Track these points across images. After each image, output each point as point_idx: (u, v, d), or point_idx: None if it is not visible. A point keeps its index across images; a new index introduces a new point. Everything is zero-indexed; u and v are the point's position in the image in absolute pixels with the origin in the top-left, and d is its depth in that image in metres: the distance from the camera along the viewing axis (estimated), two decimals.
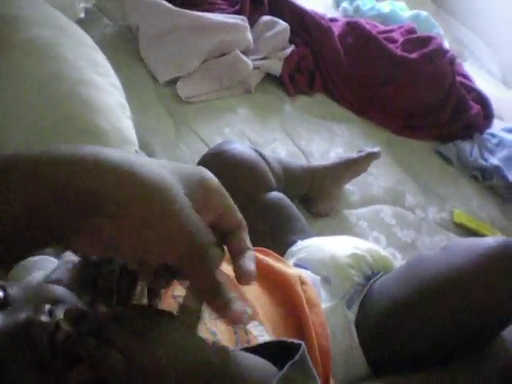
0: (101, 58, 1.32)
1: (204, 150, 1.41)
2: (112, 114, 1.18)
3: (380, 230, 1.47)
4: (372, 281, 1.03)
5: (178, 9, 1.62)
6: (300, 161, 1.54)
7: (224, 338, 0.61)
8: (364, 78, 1.85)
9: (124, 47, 1.64)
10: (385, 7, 2.45)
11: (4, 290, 0.50)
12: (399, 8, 2.51)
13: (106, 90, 1.23)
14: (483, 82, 2.87)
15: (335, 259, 1.02)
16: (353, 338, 0.96)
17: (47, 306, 0.48)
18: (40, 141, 1.06)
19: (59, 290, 0.53)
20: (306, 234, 1.15)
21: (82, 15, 1.59)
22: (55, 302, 0.50)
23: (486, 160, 1.88)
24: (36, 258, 0.79)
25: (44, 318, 0.46)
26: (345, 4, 2.42)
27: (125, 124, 1.20)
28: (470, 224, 1.63)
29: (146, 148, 1.38)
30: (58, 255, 0.78)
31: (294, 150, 1.58)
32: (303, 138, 1.64)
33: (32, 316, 0.46)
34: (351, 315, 0.98)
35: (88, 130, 1.11)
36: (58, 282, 0.58)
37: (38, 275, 0.72)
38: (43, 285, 0.54)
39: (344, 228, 1.43)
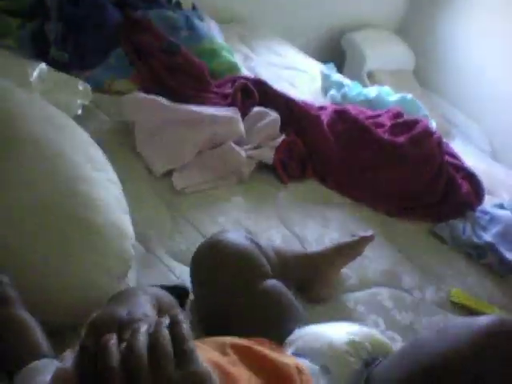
0: (97, 153, 1.36)
1: (199, 240, 1.44)
2: (108, 209, 1.21)
3: (378, 313, 1.47)
4: (372, 366, 1.03)
5: (172, 104, 1.69)
6: (295, 247, 1.56)
7: None
8: (354, 163, 1.90)
9: (121, 142, 1.70)
10: (371, 92, 2.55)
11: None
12: (385, 92, 2.61)
13: (103, 185, 1.26)
14: (473, 158, 2.93)
15: (333, 347, 1.02)
16: None
17: None
18: (38, 236, 1.09)
19: None
20: (303, 322, 1.15)
21: (80, 112, 1.65)
22: None
23: (479, 237, 1.90)
24: (39, 361, 0.80)
25: None
26: (332, 92, 2.52)
27: (121, 218, 1.23)
28: (467, 302, 1.63)
29: (142, 240, 1.40)
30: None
31: (288, 236, 1.60)
32: (297, 224, 1.66)
33: None
34: None
35: (84, 226, 1.13)
36: None
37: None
38: None
39: (342, 313, 1.43)
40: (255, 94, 1.93)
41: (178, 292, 0.96)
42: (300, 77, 2.61)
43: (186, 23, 2.14)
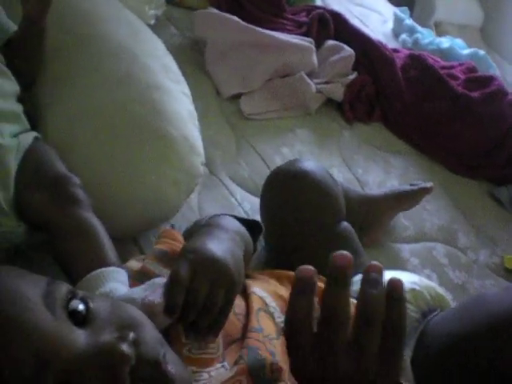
0: (172, 63, 1.32)
1: (262, 168, 1.41)
2: (182, 122, 1.17)
3: (432, 268, 1.44)
4: (429, 317, 1.01)
5: (247, 25, 1.62)
6: (356, 188, 1.52)
7: (281, 360, 0.59)
8: (424, 112, 1.82)
9: (190, 58, 1.64)
10: (444, 42, 2.43)
11: (85, 303, 0.48)
12: (458, 45, 2.49)
13: (177, 97, 1.22)
14: None
15: None
16: (408, 375, 0.93)
17: (131, 335, 0.46)
18: (109, 141, 1.06)
19: (139, 315, 0.52)
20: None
21: (152, 22, 1.60)
22: (136, 327, 0.48)
23: None
24: (106, 268, 0.78)
25: (127, 349, 0.44)
26: (404, 36, 2.41)
27: (193, 133, 1.19)
28: None
29: (207, 160, 1.37)
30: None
31: (350, 178, 1.56)
32: (360, 166, 1.62)
33: (116, 343, 0.44)
34: (407, 352, 0.95)
35: (157, 136, 1.09)
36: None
37: (118, 289, 0.70)
38: (123, 305, 0.52)
39: (395, 263, 1.40)
40: (331, 26, 1.84)
41: (249, 225, 0.91)
42: (372, 16, 2.50)
43: None
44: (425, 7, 3.60)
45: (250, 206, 1.32)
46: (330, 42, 1.79)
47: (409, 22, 2.52)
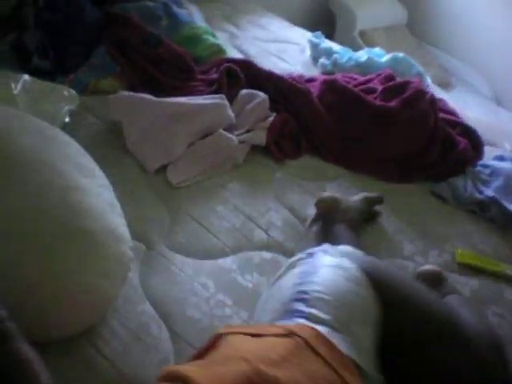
0: (87, 160, 1.37)
1: (199, 231, 1.47)
2: (102, 215, 1.22)
3: None
4: None
5: (158, 99, 1.69)
6: (295, 228, 1.57)
7: None
8: (348, 132, 1.89)
9: (112, 142, 1.71)
10: (362, 56, 2.52)
11: None
12: (376, 54, 2.58)
13: (95, 191, 1.27)
14: (475, 105, 2.89)
15: None
16: None
17: None
18: (34, 247, 1.10)
19: None
20: None
21: (67, 119, 1.66)
22: None
23: (481, 193, 1.89)
24: None
25: None
26: (322, 60, 2.49)
27: (116, 222, 1.24)
28: (474, 262, 1.63)
29: (143, 238, 1.42)
30: None
31: (288, 217, 1.61)
32: (296, 202, 1.67)
33: None
34: None
35: (81, 235, 1.15)
36: None
37: None
38: None
39: None
40: (240, 76, 1.92)
41: None
42: (288, 49, 2.59)
43: (165, 11, 2.13)
44: (345, 20, 3.71)
45: (192, 270, 1.37)
46: (243, 92, 1.87)
47: (324, 45, 2.61)
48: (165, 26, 2.10)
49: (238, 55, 2.35)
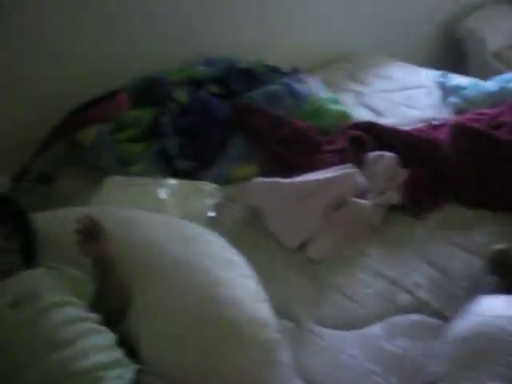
0: (229, 252, 1.49)
1: (345, 303, 1.51)
2: (244, 304, 1.32)
3: None
4: None
5: (289, 180, 1.79)
6: (442, 286, 1.56)
7: None
8: (486, 175, 1.84)
9: (255, 226, 1.82)
10: (492, 86, 2.44)
11: None
12: (507, 80, 2.47)
13: (236, 283, 1.37)
14: None
15: None
16: None
17: None
18: (193, 352, 1.22)
19: None
20: None
21: (211, 213, 1.82)
22: None
23: None
24: None
25: None
26: (451, 98, 2.45)
27: (261, 309, 1.33)
28: None
29: (290, 316, 1.49)
30: None
31: (434, 275, 1.59)
32: (441, 257, 1.65)
33: None
34: None
35: (227, 327, 1.25)
36: None
37: None
38: None
39: None
40: (367, 140, 1.96)
41: None
42: (415, 94, 2.58)
43: (288, 91, 2.25)
44: (475, 48, 3.59)
45: (340, 343, 1.40)
46: (370, 155, 1.90)
47: (452, 82, 2.57)
48: (290, 105, 2.22)
49: (365, 113, 2.40)
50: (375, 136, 2.00)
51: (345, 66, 2.97)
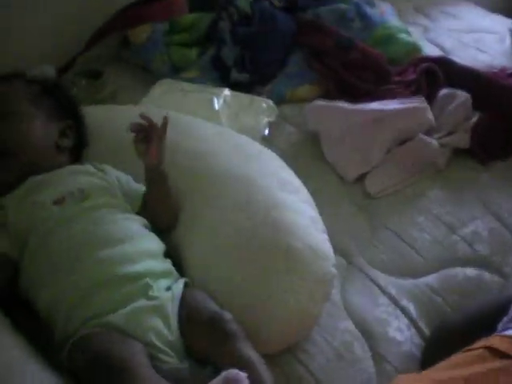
0: (289, 175, 1.39)
1: (401, 247, 1.43)
2: (305, 232, 1.23)
3: None
4: None
5: (354, 106, 1.67)
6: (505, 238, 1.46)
7: None
8: None
9: (311, 151, 1.71)
10: None
11: None
12: None
13: (297, 208, 1.29)
14: None
15: None
16: None
17: None
18: (241, 269, 1.15)
19: None
20: None
21: (266, 132, 1.71)
22: None
23: None
24: None
25: None
26: None
27: (319, 239, 1.24)
28: None
29: (343, 252, 1.42)
30: None
31: (496, 227, 1.50)
32: (506, 209, 1.55)
33: None
34: None
35: (283, 254, 1.17)
36: None
37: None
38: None
39: None
40: (439, 75, 1.82)
41: None
42: (486, 38, 2.38)
43: (358, 13, 2.09)
44: None
45: (396, 290, 1.33)
46: (443, 92, 1.76)
47: None
48: (357, 28, 2.06)
49: (433, 49, 2.23)
50: (447, 73, 1.85)
51: None
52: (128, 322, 0.99)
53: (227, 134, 1.49)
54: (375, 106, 1.68)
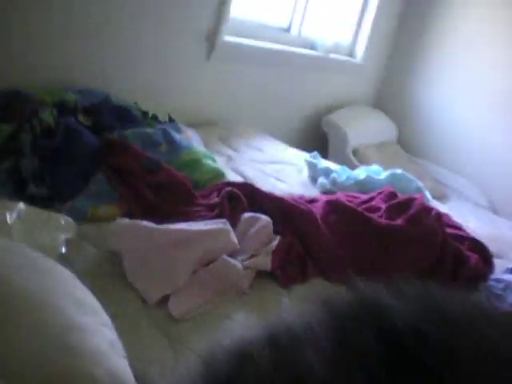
0: (87, 296, 1.28)
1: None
2: (104, 357, 1.11)
3: None
4: None
5: (158, 226, 1.63)
6: None
7: None
8: (355, 252, 1.83)
9: (111, 273, 1.61)
10: (360, 174, 2.52)
11: None
12: (374, 171, 2.58)
13: (95, 331, 1.17)
14: (473, 217, 2.88)
15: None
16: None
17: None
18: None
19: None
20: None
21: (63, 250, 1.58)
22: None
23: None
24: None
25: None
26: (321, 179, 2.48)
27: (118, 364, 1.13)
28: None
29: (143, 379, 1.30)
30: None
31: None
32: None
33: None
34: None
35: (80, 381, 1.04)
36: None
37: None
38: None
39: None
40: (242, 200, 1.88)
41: None
42: (286, 169, 2.59)
43: (164, 137, 2.12)
44: (337, 139, 3.78)
45: None
46: (245, 216, 1.81)
47: (322, 164, 2.61)
48: (164, 152, 2.09)
49: (236, 178, 2.33)
50: (249, 198, 1.92)
51: (218, 130, 2.93)
52: None
53: (21, 250, 1.34)
54: (180, 226, 1.66)
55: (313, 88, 3.77)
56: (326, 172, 2.51)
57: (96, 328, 1.18)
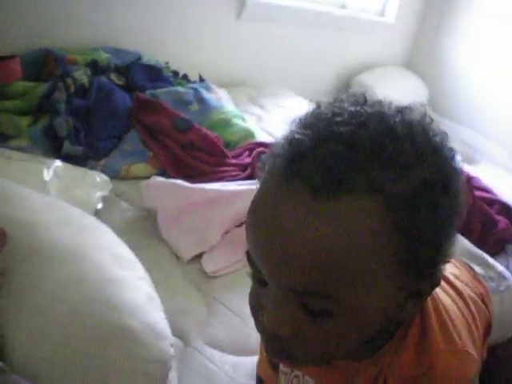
0: (124, 250, 1.32)
1: (238, 325, 1.39)
2: (141, 310, 1.15)
3: None
4: None
5: (191, 185, 1.65)
6: None
7: None
8: None
9: (146, 229, 1.66)
10: None
11: None
12: None
13: (133, 284, 1.21)
14: (502, 181, 2.86)
15: None
16: None
17: None
18: (70, 352, 1.04)
19: None
20: None
21: (100, 206, 1.63)
22: None
23: None
24: None
25: None
26: None
27: (156, 318, 1.17)
28: None
29: (179, 333, 1.35)
30: None
31: None
32: None
33: None
34: None
35: (118, 333, 1.08)
36: None
37: None
38: None
39: None
40: None
41: None
42: None
43: (195, 96, 2.14)
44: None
45: (233, 368, 1.28)
46: None
47: None
48: (195, 111, 2.10)
49: (266, 137, 2.34)
50: None
51: (247, 89, 2.92)
52: None
53: (59, 205, 1.39)
54: (213, 186, 1.69)
55: (343, 48, 3.72)
56: None
57: (134, 282, 1.22)
